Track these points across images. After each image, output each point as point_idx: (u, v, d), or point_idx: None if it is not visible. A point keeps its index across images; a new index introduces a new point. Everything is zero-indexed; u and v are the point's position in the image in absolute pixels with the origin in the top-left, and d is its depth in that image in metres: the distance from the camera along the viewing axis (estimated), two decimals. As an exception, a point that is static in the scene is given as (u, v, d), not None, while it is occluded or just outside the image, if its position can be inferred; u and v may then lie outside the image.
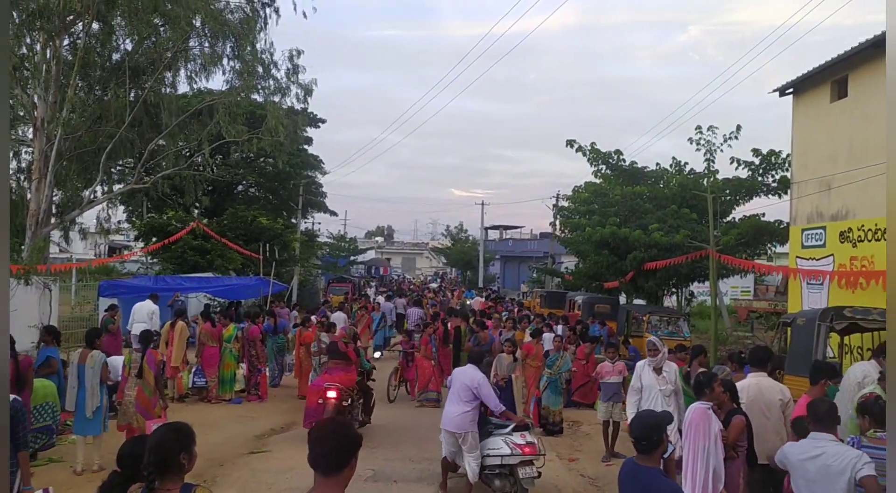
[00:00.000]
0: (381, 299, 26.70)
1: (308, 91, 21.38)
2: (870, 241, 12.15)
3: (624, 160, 22.30)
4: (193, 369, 12.85)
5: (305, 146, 33.97)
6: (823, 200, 13.72)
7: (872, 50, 11.80)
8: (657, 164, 23.49)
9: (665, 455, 4.48)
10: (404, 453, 9.62)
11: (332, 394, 9.87)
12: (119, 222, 30.66)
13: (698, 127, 17.44)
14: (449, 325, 15.56)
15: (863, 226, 12.35)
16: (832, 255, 13.35)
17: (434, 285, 49.53)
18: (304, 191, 34.21)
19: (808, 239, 14.34)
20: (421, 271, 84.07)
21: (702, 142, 17.59)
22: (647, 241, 19.54)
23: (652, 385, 7.83)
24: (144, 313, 14.91)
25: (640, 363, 8.28)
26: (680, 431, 6.61)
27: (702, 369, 7.34)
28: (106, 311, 14.13)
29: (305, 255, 32.68)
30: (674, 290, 23.68)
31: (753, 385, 6.73)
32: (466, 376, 7.79)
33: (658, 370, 7.96)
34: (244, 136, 20.40)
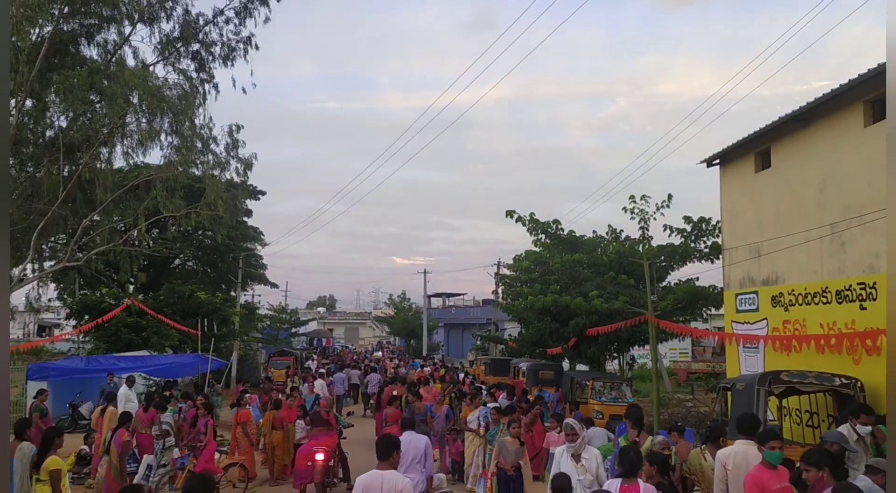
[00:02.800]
0: (320, 372, 26.09)
1: (248, 165, 21.29)
2: (800, 305, 12.62)
3: (562, 229, 22.80)
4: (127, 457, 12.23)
5: (245, 219, 33.65)
6: (754, 265, 14.25)
7: (792, 123, 12.52)
8: (594, 231, 24.17)
9: None
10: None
11: (320, 456, 11.11)
12: (49, 301, 29.52)
13: (631, 196, 18.07)
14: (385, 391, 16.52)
15: (793, 290, 12.84)
16: (765, 318, 13.79)
17: (378, 355, 49.01)
18: (243, 263, 33.68)
19: (741, 303, 14.80)
20: (364, 341, 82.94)
21: (635, 210, 18.19)
22: (587, 307, 19.87)
23: (570, 474, 6.58)
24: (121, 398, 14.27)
25: (557, 451, 7.36)
26: None
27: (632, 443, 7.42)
28: (35, 397, 13.43)
29: (245, 329, 31.95)
30: (615, 354, 23.97)
31: (740, 453, 6.79)
32: (418, 443, 8.30)
33: (577, 458, 7.06)
34: (182, 210, 20.08)
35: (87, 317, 22.68)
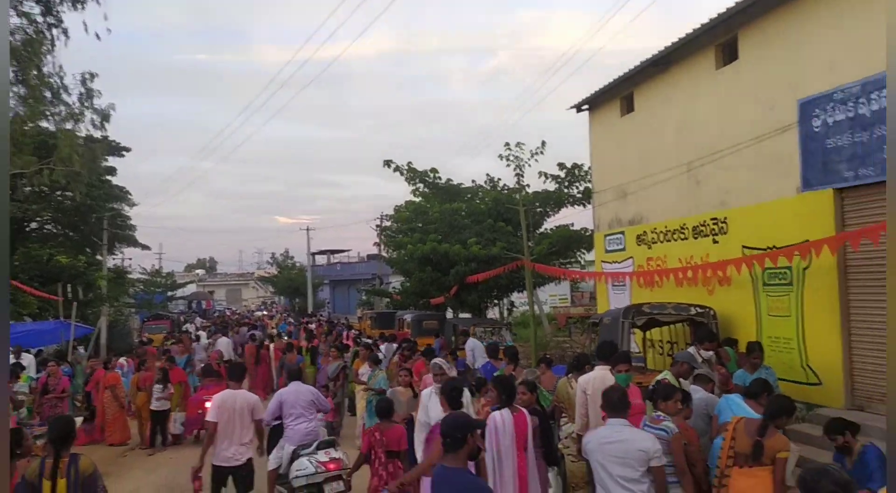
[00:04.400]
0: (202, 333, 25.40)
1: (105, 116, 19.82)
2: (661, 242, 13.31)
3: (440, 178, 22.90)
4: None
5: (108, 177, 31.64)
6: (621, 207, 14.87)
7: (652, 68, 13.00)
8: (473, 181, 24.44)
9: (476, 458, 4.56)
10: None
11: (209, 404, 10.37)
12: None
13: (507, 144, 18.34)
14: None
15: (655, 229, 13.52)
16: (631, 257, 14.48)
17: (259, 314, 48.30)
18: (108, 225, 31.76)
19: (610, 244, 15.46)
20: (248, 302, 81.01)
21: (511, 158, 18.50)
22: (466, 255, 20.17)
23: (440, 417, 6.23)
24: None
25: (425, 392, 6.93)
26: None
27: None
28: None
29: (114, 293, 30.33)
30: (496, 301, 24.58)
31: (598, 378, 7.08)
32: (305, 393, 8.28)
33: None
34: (32, 166, 18.59)
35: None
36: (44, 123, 20.10)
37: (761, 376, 7.61)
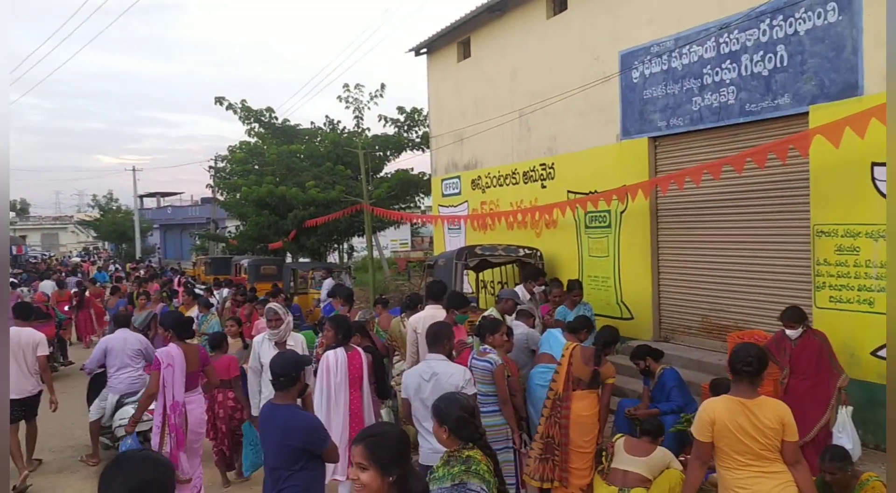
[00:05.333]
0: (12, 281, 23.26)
1: None
2: (495, 187, 13.75)
3: (276, 118, 22.15)
4: None
5: None
6: (457, 151, 15.13)
7: (488, 14, 13.16)
8: (311, 122, 23.87)
9: (303, 395, 4.62)
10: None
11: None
12: None
13: (346, 85, 18.06)
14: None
15: (489, 173, 13.91)
16: (466, 201, 14.86)
17: (76, 260, 45.10)
18: None
19: (446, 188, 15.75)
20: (67, 247, 74.96)
21: (350, 99, 18.22)
22: (305, 198, 19.81)
23: None
24: None
25: (257, 339, 6.75)
26: None
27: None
28: None
29: None
30: (335, 245, 24.45)
31: (429, 317, 7.22)
32: (136, 341, 8.04)
33: (282, 345, 6.44)
34: None
35: None
36: None
37: (580, 312, 8.18)
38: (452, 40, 14.83)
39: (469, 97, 14.42)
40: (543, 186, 12.13)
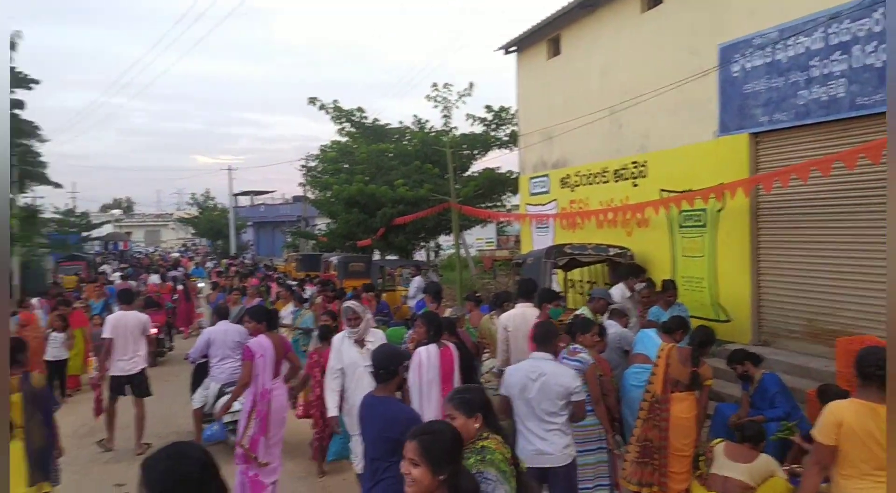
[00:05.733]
0: (117, 275, 24.75)
1: (11, 44, 18.67)
2: (584, 185, 13.56)
3: (367, 118, 22.55)
4: None
5: (16, 110, 29.81)
6: (546, 150, 15.01)
7: (579, 10, 12.99)
8: (400, 122, 24.16)
9: (402, 388, 4.68)
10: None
11: (153, 330, 12.50)
12: None
13: (434, 84, 18.20)
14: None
15: (578, 172, 13.74)
16: (555, 200, 14.72)
17: (175, 256, 47.49)
18: (18, 161, 30.07)
19: (534, 186, 15.65)
20: (167, 243, 78.74)
21: (439, 99, 18.36)
22: (393, 196, 20.06)
23: (355, 362, 6.28)
24: None
25: (337, 337, 6.61)
26: None
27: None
28: None
29: (26, 233, 28.90)
30: (422, 243, 24.65)
31: (519, 315, 7.23)
32: (236, 332, 8.32)
33: (361, 343, 6.39)
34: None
35: None
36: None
37: (675, 312, 7.96)
38: (542, 38, 14.72)
39: (558, 95, 14.28)
40: (635, 185, 11.87)
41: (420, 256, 26.37)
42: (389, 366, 4.41)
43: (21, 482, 5.19)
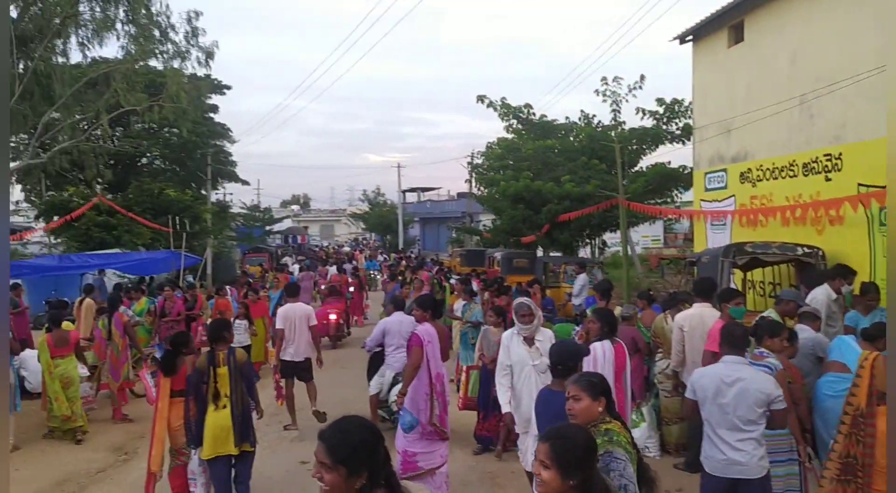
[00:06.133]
0: (296, 267, 26.62)
1: (209, 54, 20.57)
2: (767, 180, 12.74)
3: (534, 114, 22.55)
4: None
5: (211, 114, 32.83)
6: (723, 143, 14.26)
7: (764, -6, 12.22)
8: (566, 117, 23.93)
9: None
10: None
11: (333, 316, 15.60)
12: (17, 203, 29.01)
13: (604, 78, 17.83)
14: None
15: (761, 166, 12.93)
16: (733, 195, 13.95)
17: (346, 249, 50.37)
18: (212, 160, 33.10)
19: (710, 182, 14.92)
20: (340, 238, 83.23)
21: (608, 93, 17.99)
22: (559, 193, 19.92)
23: (524, 360, 6.14)
24: None
25: (506, 334, 6.43)
26: None
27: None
28: (10, 290, 13.43)
29: (218, 226, 31.80)
30: (587, 240, 24.31)
31: (696, 315, 7.01)
32: (410, 323, 8.36)
33: (530, 341, 6.22)
34: (144, 103, 19.49)
35: (55, 217, 22.39)
36: (152, 62, 20.96)
37: (877, 318, 7.28)
38: (723, 25, 13.97)
39: (740, 84, 13.50)
40: (828, 179, 10.98)
41: (585, 253, 25.99)
42: (568, 362, 4.43)
43: (229, 442, 5.90)
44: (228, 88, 33.81)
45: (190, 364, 6.39)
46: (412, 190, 64.82)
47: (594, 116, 22.90)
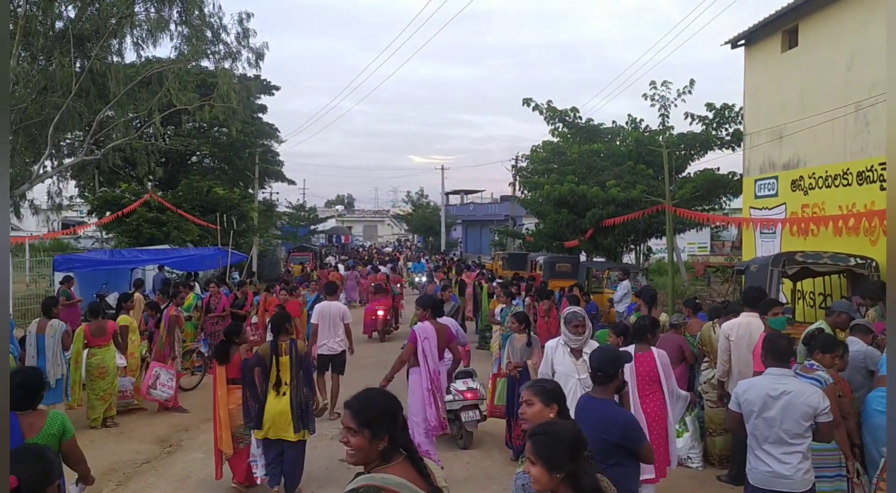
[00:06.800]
0: (340, 266, 26.89)
1: (259, 55, 20.94)
2: (820, 188, 12.43)
3: (580, 118, 22.37)
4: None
5: (260, 114, 33.34)
6: (775, 149, 13.96)
7: (821, -1, 11.93)
8: (613, 121, 23.65)
9: (621, 391, 4.60)
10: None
11: (381, 312, 16.40)
12: (71, 198, 29.92)
13: (652, 82, 17.63)
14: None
15: (813, 174, 12.62)
16: (784, 203, 13.64)
17: (388, 250, 50.72)
18: (259, 160, 33.63)
19: (760, 189, 14.62)
20: (383, 238, 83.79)
21: (656, 97, 17.77)
22: (604, 197, 19.69)
23: (569, 372, 5.80)
24: None
25: (550, 344, 6.11)
26: None
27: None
28: (61, 283, 13.85)
29: (264, 225, 32.28)
30: (632, 246, 24.00)
31: (743, 324, 6.89)
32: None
33: (577, 353, 5.91)
34: (195, 103, 19.93)
35: (107, 213, 23.01)
36: (204, 62, 21.42)
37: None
38: (776, 29, 13.69)
39: (793, 90, 13.21)
40: (883, 188, 10.66)
41: (629, 259, 25.68)
42: (609, 369, 4.36)
43: (289, 428, 6.32)
44: (277, 88, 34.31)
45: (242, 353, 6.85)
46: (455, 192, 64.91)
47: (642, 120, 22.63)
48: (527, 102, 21.33)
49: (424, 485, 2.60)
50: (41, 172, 19.96)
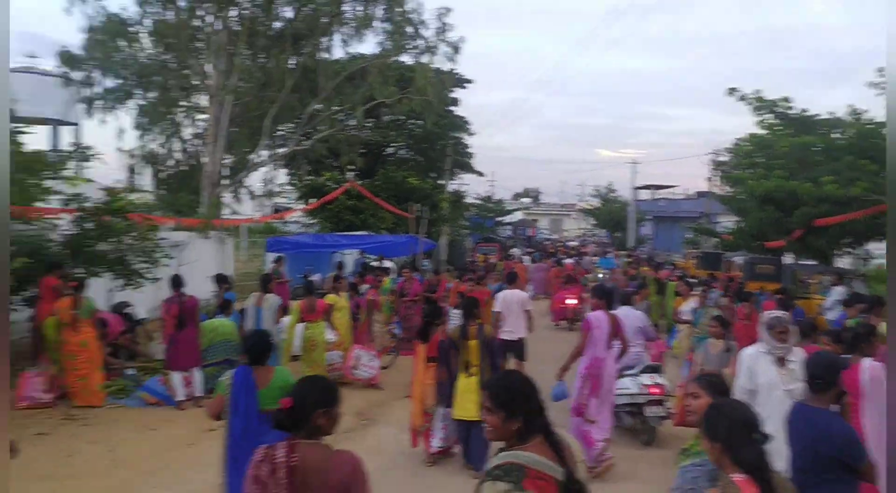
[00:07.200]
0: (525, 258, 26.99)
1: (456, 48, 21.51)
2: None
3: (792, 108, 20.66)
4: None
5: (452, 107, 34.25)
6: None
7: None
8: (830, 113, 21.57)
9: (840, 401, 4.20)
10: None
11: (572, 301, 17.27)
12: (281, 185, 32.67)
13: (880, 68, 15.83)
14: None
15: None
16: None
17: (573, 244, 50.34)
18: (451, 152, 34.56)
19: None
20: (568, 232, 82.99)
21: (883, 85, 15.90)
22: (817, 194, 17.97)
23: (773, 383, 5.34)
24: None
25: (748, 351, 5.65)
26: None
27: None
28: (273, 262, 15.14)
29: (454, 215, 33.15)
30: (848, 249, 21.83)
31: None
32: (637, 319, 8.98)
33: (781, 361, 5.44)
34: (394, 96, 20.89)
35: (312, 199, 24.81)
36: (402, 57, 22.40)
37: None
38: None
39: None
40: None
41: (843, 263, 23.39)
42: (827, 376, 4.05)
43: (474, 408, 6.32)
44: (470, 81, 35.04)
45: (441, 334, 7.28)
46: (646, 187, 62.70)
47: (866, 110, 20.40)
48: (731, 91, 20.09)
49: (560, 463, 2.75)
50: (257, 160, 21.91)
